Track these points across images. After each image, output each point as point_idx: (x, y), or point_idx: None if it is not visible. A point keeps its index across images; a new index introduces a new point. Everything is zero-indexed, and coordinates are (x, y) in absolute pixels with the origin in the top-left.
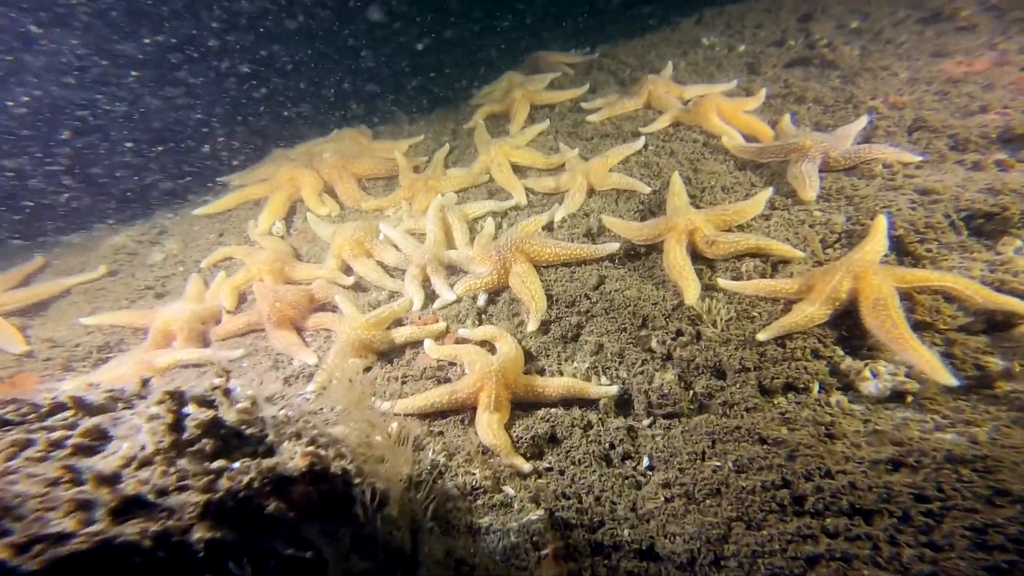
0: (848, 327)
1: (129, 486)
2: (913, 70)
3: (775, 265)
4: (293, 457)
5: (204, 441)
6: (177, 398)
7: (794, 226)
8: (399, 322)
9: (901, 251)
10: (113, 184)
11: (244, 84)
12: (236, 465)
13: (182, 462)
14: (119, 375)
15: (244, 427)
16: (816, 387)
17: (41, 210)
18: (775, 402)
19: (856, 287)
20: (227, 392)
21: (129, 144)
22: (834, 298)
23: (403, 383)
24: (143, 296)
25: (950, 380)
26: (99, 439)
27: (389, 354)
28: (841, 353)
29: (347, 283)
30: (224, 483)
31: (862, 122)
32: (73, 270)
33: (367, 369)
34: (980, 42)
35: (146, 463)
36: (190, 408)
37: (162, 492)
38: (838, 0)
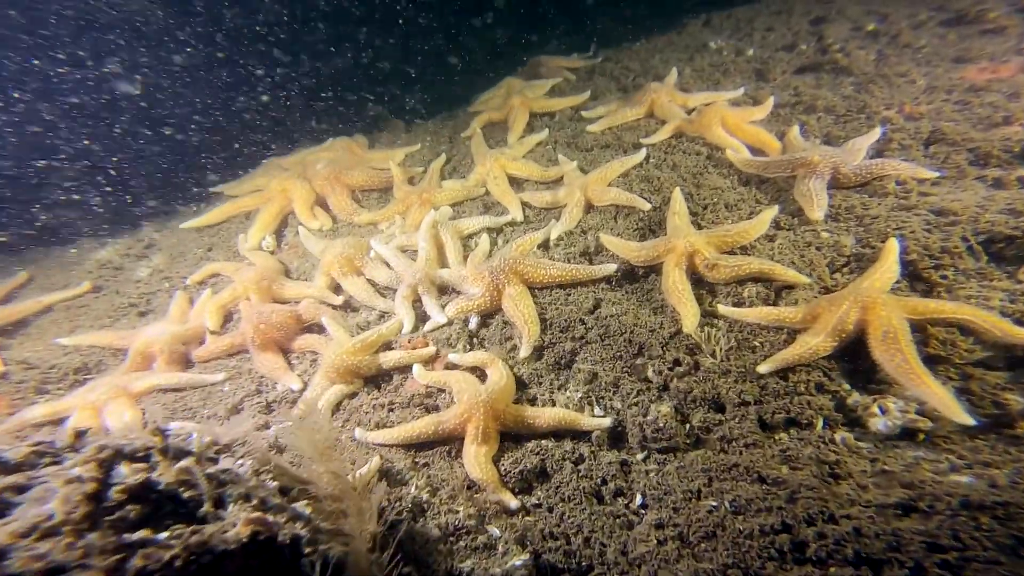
0: (855, 359)
1: (16, 563)
2: (932, 77)
3: (779, 291)
4: (235, 524)
5: (128, 508)
6: (108, 458)
7: (800, 248)
8: (388, 345)
9: (914, 277)
10: (101, 195)
11: (238, 91)
12: (162, 536)
13: (92, 535)
14: (91, 400)
15: (182, 489)
16: (820, 423)
17: (30, 221)
18: (776, 438)
19: (864, 318)
20: (164, 451)
21: (115, 158)
22: (840, 330)
23: (389, 410)
24: (126, 314)
25: (966, 419)
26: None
27: (377, 379)
28: (847, 387)
29: (336, 302)
30: (137, 562)
31: (875, 134)
32: (56, 286)
33: (352, 395)
34: (1008, 46)
35: (50, 534)
36: (122, 468)
37: (58, 571)
38: (854, 1)
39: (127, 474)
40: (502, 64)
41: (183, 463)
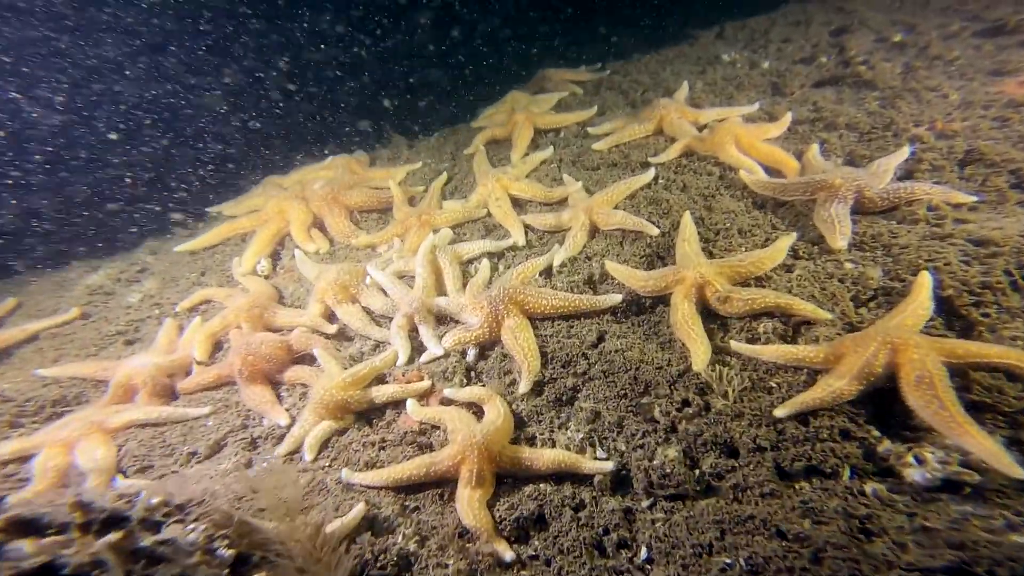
0: (884, 402)
1: None
2: (967, 91)
3: (797, 326)
4: None
5: None
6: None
7: (821, 280)
8: (382, 378)
9: (951, 315)
10: (94, 216)
11: (237, 107)
12: None
13: None
14: (61, 437)
15: (95, 573)
16: (847, 472)
17: (16, 244)
18: (796, 488)
19: (895, 361)
20: (86, 526)
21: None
22: (868, 374)
23: (380, 448)
24: (112, 343)
25: (1017, 471)
26: None
27: (368, 414)
28: (877, 434)
29: (330, 331)
30: None
31: (903, 154)
32: (45, 312)
33: (342, 432)
34: None
35: None
36: (24, 545)
37: None
38: (879, 9)
39: (30, 552)
40: (507, 77)
41: (106, 539)
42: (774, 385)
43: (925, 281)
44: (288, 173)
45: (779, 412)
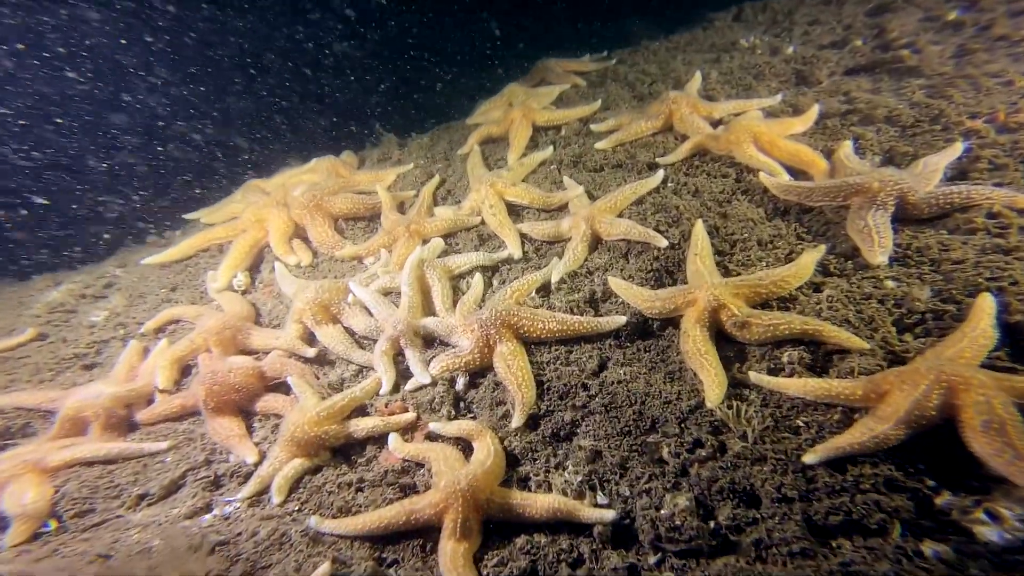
0: (939, 443)
1: None
2: None
3: (828, 355)
4: None
5: None
6: None
7: (856, 301)
8: (363, 408)
9: (1019, 345)
10: (59, 224)
11: (218, 105)
12: None
13: None
14: None
15: None
16: (897, 529)
17: None
18: (834, 546)
19: (952, 402)
20: None
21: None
22: (918, 417)
23: (358, 490)
24: (70, 367)
25: None
26: None
27: (347, 448)
28: (932, 484)
29: (309, 355)
30: None
31: (955, 151)
32: (1, 332)
33: (316, 470)
34: None
35: None
36: None
37: None
38: None
39: None
40: (504, 67)
41: None
42: (801, 425)
43: (986, 305)
44: (272, 176)
45: (809, 457)
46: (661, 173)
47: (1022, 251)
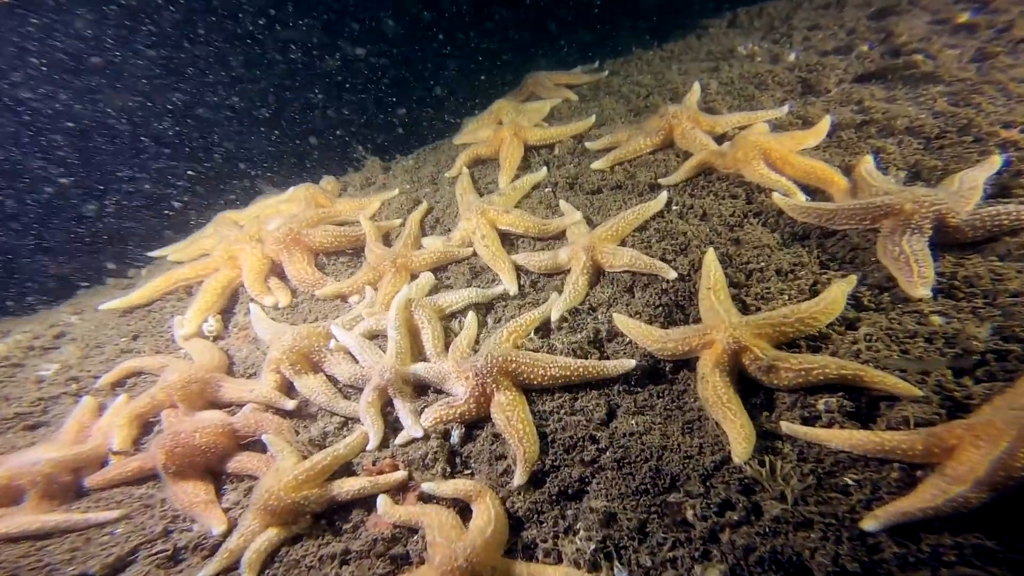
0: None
1: None
2: None
3: (874, 401)
4: None
5: None
6: None
7: (899, 339)
8: (348, 466)
9: None
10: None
11: (190, 127)
12: None
13: None
14: None
15: None
16: None
17: None
18: None
19: None
20: None
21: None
22: (1004, 478)
23: (343, 563)
24: (9, 428)
25: None
26: None
27: (331, 513)
28: None
29: (288, 407)
30: None
31: (994, 164)
32: None
33: (295, 539)
34: None
35: None
36: None
37: None
38: None
39: None
40: (491, 81)
41: None
42: (851, 483)
43: None
44: (246, 207)
45: (870, 524)
46: (664, 195)
47: None
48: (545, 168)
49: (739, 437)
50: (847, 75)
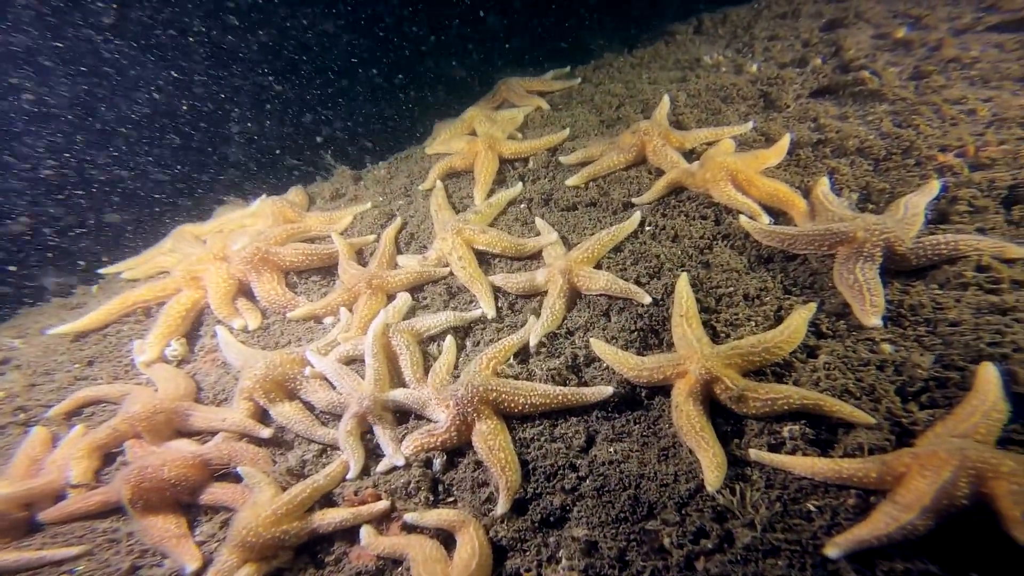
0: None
1: None
2: (997, 104)
3: (832, 428)
4: None
5: None
6: None
7: (854, 368)
8: (329, 495)
9: None
10: None
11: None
12: None
13: None
14: None
15: None
16: None
17: None
18: None
19: (983, 491)
20: None
21: None
22: (947, 506)
23: None
24: None
25: None
26: None
27: (312, 545)
28: None
29: (263, 435)
30: None
31: (932, 190)
32: None
33: (276, 574)
34: None
35: None
36: None
37: None
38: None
39: None
40: (462, 86)
41: None
42: (813, 509)
43: (991, 376)
44: (207, 220)
45: (832, 551)
46: (638, 215)
47: (1019, 311)
48: (520, 184)
49: (711, 466)
50: (804, 90)
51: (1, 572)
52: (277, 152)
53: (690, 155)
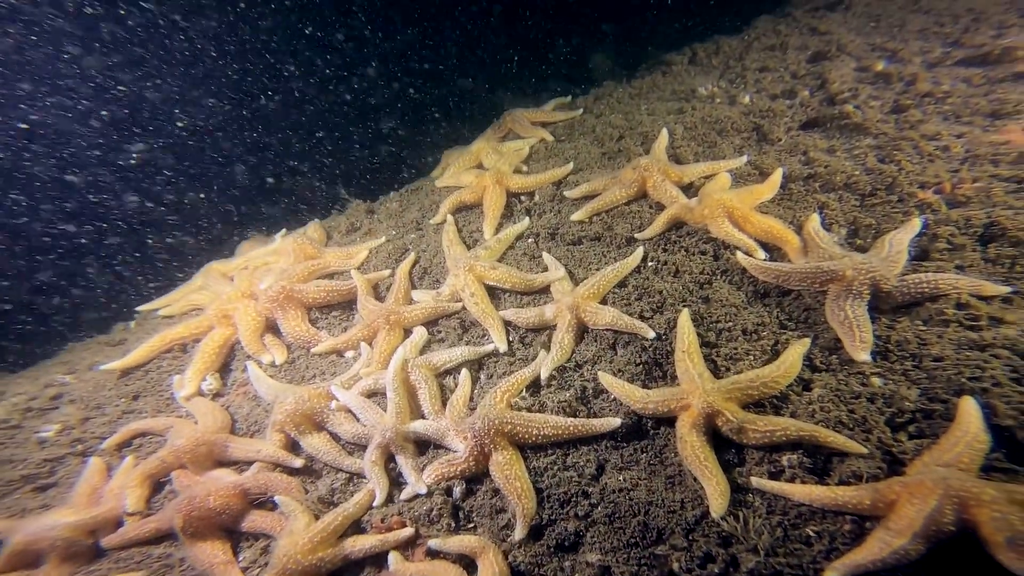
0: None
1: None
2: (969, 141)
3: (828, 457)
4: None
5: None
6: None
7: (847, 400)
8: (357, 523)
9: (1014, 447)
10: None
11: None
12: None
13: None
14: None
15: None
16: None
17: None
18: None
19: (967, 518)
20: None
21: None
22: (935, 532)
23: None
24: (17, 490)
25: None
26: None
27: (344, 572)
28: None
29: (296, 465)
30: None
31: (914, 227)
32: None
33: None
34: None
35: None
36: None
37: None
38: (854, 31)
39: None
40: (468, 118)
41: None
42: (812, 535)
43: (971, 409)
44: (232, 257)
45: (831, 575)
46: (640, 250)
47: (996, 347)
48: (527, 218)
49: (716, 493)
50: (794, 122)
51: None
52: (292, 187)
53: (688, 188)
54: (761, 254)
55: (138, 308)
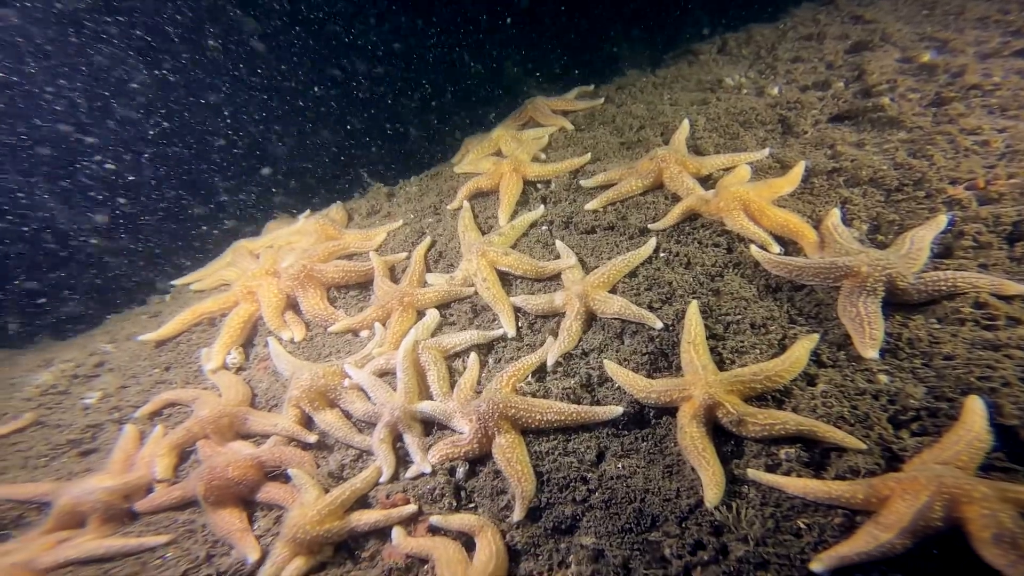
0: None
1: None
2: (1012, 135)
3: (826, 452)
4: None
5: None
6: None
7: (851, 397)
8: (363, 498)
9: (1016, 447)
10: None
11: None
12: None
13: None
14: None
15: None
16: None
17: None
18: None
19: (956, 515)
20: None
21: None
22: (923, 528)
23: None
24: (64, 453)
25: None
26: None
27: (350, 542)
28: None
29: (310, 440)
30: None
31: (939, 224)
32: None
33: (319, 567)
34: None
35: None
36: None
37: None
38: (905, 20)
39: None
40: (489, 98)
41: None
42: (803, 527)
43: (977, 407)
44: (259, 235)
45: (816, 566)
46: (653, 242)
47: (1011, 347)
48: (542, 206)
49: (711, 483)
50: (823, 115)
51: (112, 556)
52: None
53: (706, 180)
54: (776, 248)
55: (172, 282)
